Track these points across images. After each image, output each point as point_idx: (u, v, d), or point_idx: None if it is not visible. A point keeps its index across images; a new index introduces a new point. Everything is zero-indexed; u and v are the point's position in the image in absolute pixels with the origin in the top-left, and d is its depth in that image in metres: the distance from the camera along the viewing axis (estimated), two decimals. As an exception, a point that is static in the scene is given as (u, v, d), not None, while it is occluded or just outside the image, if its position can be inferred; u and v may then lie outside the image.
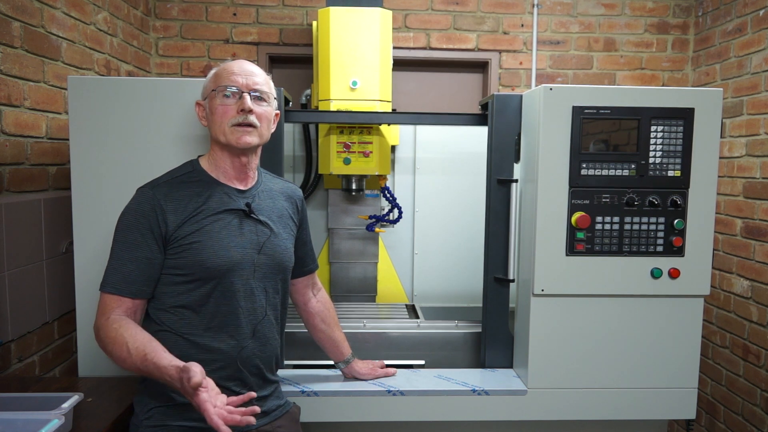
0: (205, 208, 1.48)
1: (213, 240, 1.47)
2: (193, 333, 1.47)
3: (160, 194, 1.47)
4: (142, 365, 1.33)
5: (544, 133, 1.84)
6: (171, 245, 1.46)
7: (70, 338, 2.22)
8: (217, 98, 1.50)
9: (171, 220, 1.45)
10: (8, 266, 1.85)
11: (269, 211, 1.59)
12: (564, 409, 1.93)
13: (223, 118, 1.49)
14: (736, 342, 2.90)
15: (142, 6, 3.04)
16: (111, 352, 1.38)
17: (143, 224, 1.44)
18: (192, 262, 1.45)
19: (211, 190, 1.52)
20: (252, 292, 1.52)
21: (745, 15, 2.89)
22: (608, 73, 3.40)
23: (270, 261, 1.55)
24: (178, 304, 1.48)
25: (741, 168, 2.88)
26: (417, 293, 2.71)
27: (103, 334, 1.40)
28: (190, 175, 1.54)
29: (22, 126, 1.97)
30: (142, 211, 1.45)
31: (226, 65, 1.54)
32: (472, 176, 2.59)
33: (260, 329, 1.54)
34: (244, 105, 1.48)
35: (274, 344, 1.59)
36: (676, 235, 1.88)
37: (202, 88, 1.58)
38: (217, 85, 1.51)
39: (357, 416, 1.88)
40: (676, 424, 3.22)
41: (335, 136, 2.35)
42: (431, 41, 3.31)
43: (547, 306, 1.90)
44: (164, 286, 1.48)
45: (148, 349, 1.34)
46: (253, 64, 1.56)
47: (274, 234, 1.57)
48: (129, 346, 1.35)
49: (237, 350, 1.49)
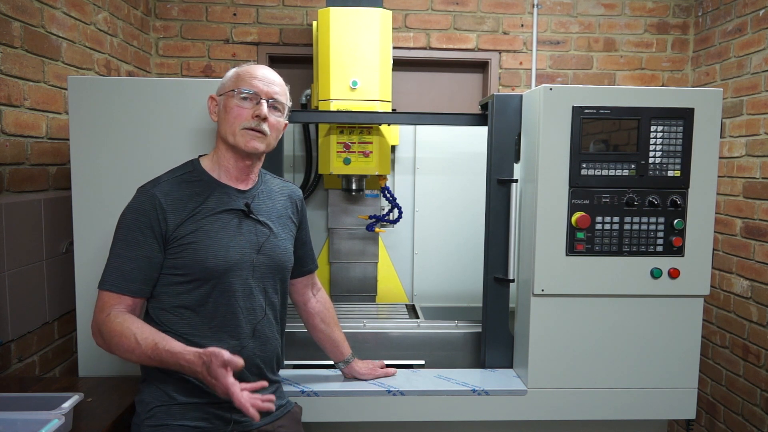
0: (204, 208, 1.49)
1: (212, 240, 1.47)
2: (193, 333, 1.47)
3: (161, 193, 1.47)
4: (153, 353, 1.35)
5: (544, 133, 1.84)
6: (170, 245, 1.46)
7: (70, 338, 2.22)
8: (235, 98, 1.50)
9: (171, 219, 1.46)
10: (8, 266, 1.85)
11: (269, 211, 1.59)
12: (564, 409, 1.93)
13: (237, 119, 1.50)
14: (736, 342, 2.90)
15: (142, 6, 3.04)
16: (117, 345, 1.38)
17: (144, 223, 1.45)
18: (191, 262, 1.46)
19: (210, 190, 1.52)
20: (251, 292, 1.52)
21: (745, 15, 2.89)
22: (608, 73, 3.40)
23: (269, 261, 1.55)
24: (178, 304, 1.48)
25: (741, 168, 2.88)
26: (417, 293, 2.71)
27: (106, 329, 1.40)
28: (190, 174, 1.54)
29: (22, 126, 1.97)
30: (143, 210, 1.45)
31: (250, 68, 1.54)
32: (472, 176, 2.59)
33: (260, 329, 1.54)
34: (260, 111, 1.49)
35: (274, 344, 1.59)
36: (676, 235, 1.88)
37: (220, 84, 1.57)
38: (238, 86, 1.51)
39: (357, 416, 1.88)
40: (676, 424, 3.22)
41: (335, 136, 2.35)
42: (431, 41, 3.31)
43: (547, 306, 1.90)
44: (164, 286, 1.48)
45: (157, 338, 1.37)
46: (275, 73, 1.57)
47: (274, 234, 1.57)
48: (137, 337, 1.36)
49: (237, 350, 1.48)
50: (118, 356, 1.42)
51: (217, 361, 1.29)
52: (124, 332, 1.38)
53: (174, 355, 1.35)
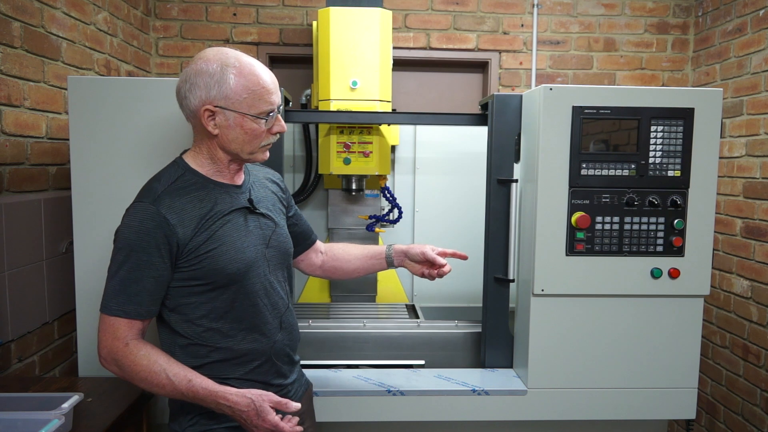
0: (211, 213, 1.41)
1: (227, 245, 1.41)
2: (226, 339, 1.43)
3: (164, 208, 1.36)
4: (187, 390, 1.33)
5: (544, 133, 1.84)
6: (184, 258, 1.37)
7: (70, 338, 2.22)
8: (254, 122, 1.39)
9: (181, 234, 1.36)
10: (8, 266, 1.85)
11: (265, 201, 1.56)
12: (564, 409, 1.93)
13: (256, 140, 1.42)
14: (736, 342, 2.90)
15: (142, 6, 3.04)
16: (144, 380, 1.34)
17: (149, 243, 1.34)
18: (211, 271, 1.39)
19: (211, 192, 1.44)
20: (270, 286, 1.50)
21: (745, 15, 2.89)
22: (608, 73, 3.40)
23: (277, 252, 1.53)
24: (203, 313, 1.42)
25: (741, 168, 2.88)
26: (417, 293, 2.70)
27: (127, 361, 1.34)
28: (183, 179, 1.42)
29: (22, 126, 1.97)
30: (146, 230, 1.34)
31: (257, 77, 1.39)
32: (472, 176, 2.59)
33: (285, 319, 1.53)
34: (282, 128, 1.44)
35: (297, 328, 1.60)
36: (676, 235, 1.88)
37: (220, 93, 1.36)
38: (258, 110, 1.38)
39: (357, 416, 1.88)
40: (676, 424, 3.22)
41: (335, 136, 2.35)
42: (431, 41, 3.31)
43: (547, 306, 1.90)
44: (184, 298, 1.41)
45: (189, 374, 1.35)
46: (270, 72, 1.46)
47: (275, 223, 1.55)
48: (168, 373, 1.33)
49: (270, 346, 1.48)
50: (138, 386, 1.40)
51: (270, 403, 1.35)
52: (152, 368, 1.33)
53: (213, 394, 1.34)
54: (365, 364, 2.10)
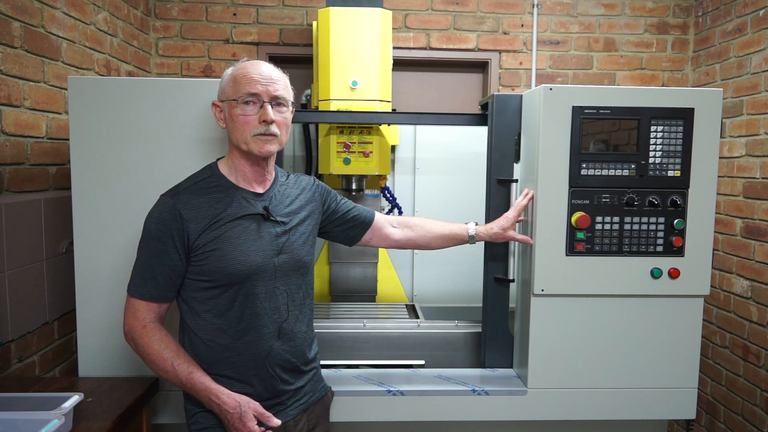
0: (224, 215, 1.49)
1: (233, 247, 1.48)
2: (222, 337, 1.51)
3: (181, 203, 1.48)
4: (186, 381, 1.47)
5: (544, 133, 1.84)
6: (194, 252, 1.48)
7: (70, 338, 2.22)
8: (238, 107, 1.48)
9: (192, 228, 1.47)
10: (8, 266, 1.85)
11: (286, 209, 1.59)
12: (564, 409, 1.93)
13: (245, 127, 1.48)
14: (736, 342, 2.90)
15: (142, 6, 3.04)
16: (152, 362, 1.48)
17: (164, 233, 1.46)
18: (214, 269, 1.47)
19: (230, 196, 1.52)
20: (274, 293, 1.54)
21: (745, 15, 2.89)
22: (608, 73, 3.40)
23: (289, 260, 1.56)
24: (206, 309, 1.51)
25: (741, 168, 2.88)
26: (417, 293, 2.70)
27: (142, 342, 1.48)
28: (209, 180, 1.54)
29: (22, 126, 1.97)
30: (163, 220, 1.47)
31: (245, 68, 1.50)
32: (472, 176, 2.59)
33: (286, 327, 1.56)
34: (267, 117, 1.47)
35: (302, 337, 1.61)
36: (676, 235, 1.88)
37: (219, 89, 1.55)
38: (238, 92, 1.48)
39: (357, 416, 1.88)
40: (676, 424, 3.22)
41: (335, 136, 2.35)
42: (431, 41, 3.31)
43: (547, 306, 1.90)
44: (193, 291, 1.52)
45: (192, 367, 1.48)
46: (271, 66, 1.53)
47: (292, 232, 1.58)
48: (174, 363, 1.46)
49: (265, 351, 1.52)
50: None
51: (254, 412, 1.47)
52: (162, 353, 1.47)
53: (208, 390, 1.47)
54: (365, 364, 2.10)
